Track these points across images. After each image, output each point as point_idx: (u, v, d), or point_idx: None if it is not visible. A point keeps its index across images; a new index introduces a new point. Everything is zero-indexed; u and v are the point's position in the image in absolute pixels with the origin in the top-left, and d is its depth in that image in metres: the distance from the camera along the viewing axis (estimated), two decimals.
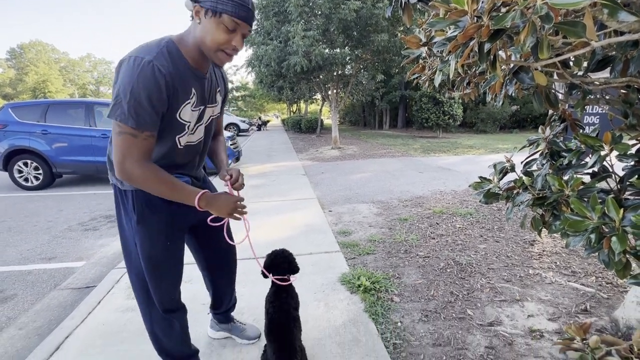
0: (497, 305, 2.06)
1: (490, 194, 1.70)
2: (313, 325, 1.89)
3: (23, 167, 5.62)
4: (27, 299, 2.39)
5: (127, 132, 0.98)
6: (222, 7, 0.94)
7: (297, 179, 6.19)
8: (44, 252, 3.19)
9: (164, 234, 1.24)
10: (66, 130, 5.64)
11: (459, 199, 4.60)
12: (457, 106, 14.77)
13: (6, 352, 1.84)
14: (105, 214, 4.39)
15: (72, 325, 1.92)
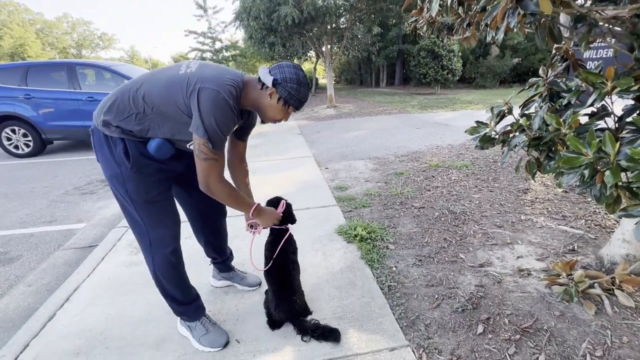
0: (489, 249, 2.13)
1: (486, 138, 1.67)
2: (311, 272, 1.96)
3: (11, 134, 5.48)
4: (32, 259, 2.45)
5: (213, 157, 1.17)
6: (292, 102, 1.24)
7: (293, 138, 6.11)
8: (44, 216, 3.22)
9: (157, 177, 1.30)
10: (51, 94, 5.41)
11: (456, 152, 4.59)
12: (456, 60, 14.20)
13: (19, 306, 1.92)
14: (101, 178, 4.36)
15: (79, 280, 1.99)
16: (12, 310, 1.90)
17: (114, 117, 1.20)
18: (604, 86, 1.25)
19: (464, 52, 17.17)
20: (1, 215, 3.24)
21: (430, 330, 1.52)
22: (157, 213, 1.32)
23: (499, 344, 1.41)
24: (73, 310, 1.73)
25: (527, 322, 1.51)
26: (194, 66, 1.21)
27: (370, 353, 1.38)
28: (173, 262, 1.38)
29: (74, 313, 1.70)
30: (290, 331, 1.51)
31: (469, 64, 18.23)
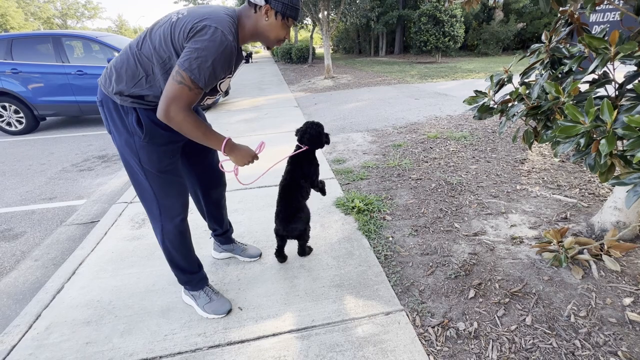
0: (483, 219, 2.18)
1: (484, 108, 1.65)
2: (310, 243, 2.00)
3: (2, 110, 5.36)
4: (36, 235, 2.50)
5: (187, 85, 1.08)
6: (289, 12, 1.20)
7: (290, 111, 6.01)
8: (43, 192, 3.23)
9: (169, 147, 1.31)
10: (38, 68, 5.24)
11: (455, 123, 4.54)
12: (458, 25, 13.65)
13: (27, 280, 1.99)
14: (97, 154, 4.34)
15: (84, 254, 2.04)
16: (22, 283, 1.97)
17: (126, 85, 1.18)
18: (607, 52, 1.22)
19: (467, 18, 16.49)
20: (1, 193, 3.25)
21: (424, 295, 1.59)
22: (169, 182, 1.34)
23: (489, 307, 1.49)
24: (80, 282, 1.79)
25: (516, 287, 1.58)
26: (184, 11, 1.18)
27: (367, 317, 1.45)
28: (182, 230, 1.43)
29: (81, 285, 1.76)
30: (291, 298, 1.58)
31: (472, 30, 17.58)
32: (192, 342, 1.37)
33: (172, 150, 1.34)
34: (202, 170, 1.59)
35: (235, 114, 5.89)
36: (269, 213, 2.38)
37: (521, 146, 3.37)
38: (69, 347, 1.38)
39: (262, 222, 2.27)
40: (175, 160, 1.38)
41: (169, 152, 1.32)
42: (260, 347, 1.34)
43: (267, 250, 1.96)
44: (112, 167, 3.85)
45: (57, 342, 1.41)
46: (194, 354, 1.33)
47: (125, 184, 3.26)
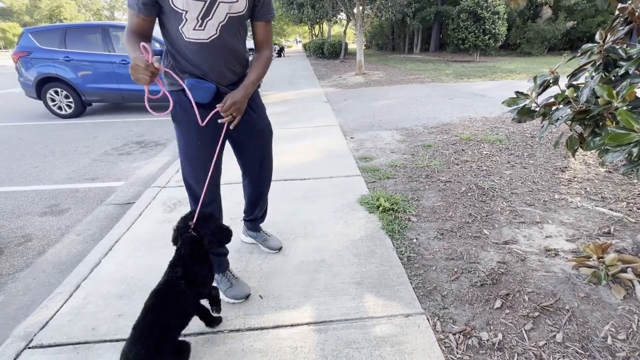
0: (515, 227, 2.07)
1: (525, 110, 1.57)
2: (332, 238, 2.02)
3: (55, 95, 5.80)
4: (79, 212, 2.69)
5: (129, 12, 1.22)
6: None
7: (319, 106, 6.01)
8: (87, 173, 3.47)
9: (194, 132, 1.37)
10: (87, 57, 5.60)
11: (490, 125, 4.34)
12: (500, 23, 12.97)
13: (70, 252, 2.15)
14: (135, 139, 4.59)
15: (120, 232, 2.17)
16: (65, 255, 2.13)
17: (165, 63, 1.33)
18: None
19: (510, 15, 15.59)
20: (51, 171, 3.53)
21: (446, 301, 1.54)
22: (193, 164, 1.46)
23: (516, 319, 1.42)
24: (116, 259, 1.91)
25: (548, 301, 1.49)
26: None
27: (386, 317, 1.44)
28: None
29: (116, 262, 1.88)
30: (311, 291, 1.60)
31: (515, 28, 16.64)
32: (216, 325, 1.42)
33: (198, 135, 1.41)
34: (245, 162, 1.67)
35: (266, 107, 5.99)
36: (290, 206, 2.41)
37: (563, 153, 3.16)
38: (103, 318, 1.48)
39: (287, 214, 2.31)
40: (204, 146, 1.43)
41: (194, 136, 1.42)
42: (278, 335, 1.37)
43: (288, 242, 1.99)
44: (149, 153, 4.05)
45: (93, 312, 1.52)
46: (215, 335, 1.38)
47: (160, 169, 3.43)
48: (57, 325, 1.45)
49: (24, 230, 2.44)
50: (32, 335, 1.40)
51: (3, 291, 1.84)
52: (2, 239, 2.34)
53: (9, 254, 2.17)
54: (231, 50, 1.33)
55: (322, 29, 31.25)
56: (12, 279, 1.93)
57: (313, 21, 21.09)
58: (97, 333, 1.41)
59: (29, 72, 5.66)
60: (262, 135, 1.62)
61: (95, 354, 1.31)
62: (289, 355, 1.28)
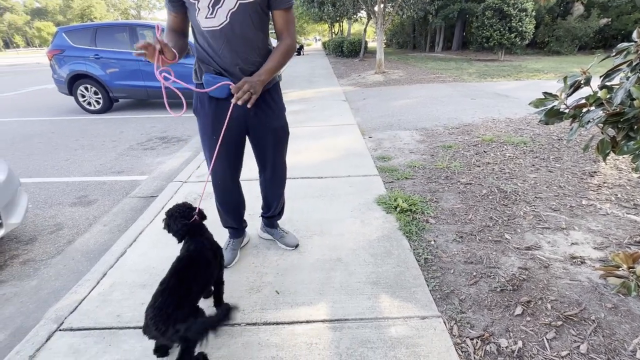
0: (539, 232, 2.01)
1: (553, 112, 1.51)
2: (349, 238, 2.02)
3: (85, 91, 6.06)
4: (105, 203, 2.82)
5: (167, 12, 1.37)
6: None
7: (338, 104, 6.00)
8: (114, 166, 3.62)
9: (210, 126, 1.48)
10: (116, 55, 5.82)
11: (514, 127, 4.20)
12: (528, 20, 12.48)
13: (97, 242, 2.26)
14: (159, 135, 4.74)
15: (143, 225, 2.26)
16: (92, 244, 2.24)
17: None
18: None
19: (539, 12, 14.99)
20: (81, 164, 3.71)
21: (464, 305, 1.52)
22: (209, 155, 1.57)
23: (537, 327, 1.38)
24: (139, 250, 1.99)
25: (572, 310, 1.44)
26: None
27: (402, 319, 1.43)
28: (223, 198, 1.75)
29: (140, 252, 1.96)
30: (326, 289, 1.61)
31: (543, 25, 15.98)
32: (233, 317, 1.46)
33: (213, 129, 1.51)
34: (260, 161, 1.72)
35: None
36: (307, 204, 2.43)
37: (592, 157, 3.02)
38: (128, 305, 1.55)
39: (303, 212, 2.33)
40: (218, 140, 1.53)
41: (210, 130, 1.53)
42: (293, 331, 1.39)
43: (304, 240, 2.01)
44: (171, 148, 4.18)
45: (118, 300, 1.59)
46: (233, 328, 1.42)
47: (181, 164, 3.53)
48: (86, 310, 1.53)
49: (55, 219, 2.57)
50: (63, 318, 1.49)
51: (37, 276, 1.95)
52: (36, 226, 2.48)
53: (42, 241, 2.30)
54: (244, 39, 1.33)
55: (342, 27, 31.11)
56: (44, 265, 2.05)
57: (333, 19, 21.03)
58: (121, 320, 1.47)
59: (62, 69, 5.95)
60: (277, 135, 1.63)
61: (120, 340, 1.37)
62: (304, 351, 1.30)
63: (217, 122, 1.44)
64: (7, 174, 2.12)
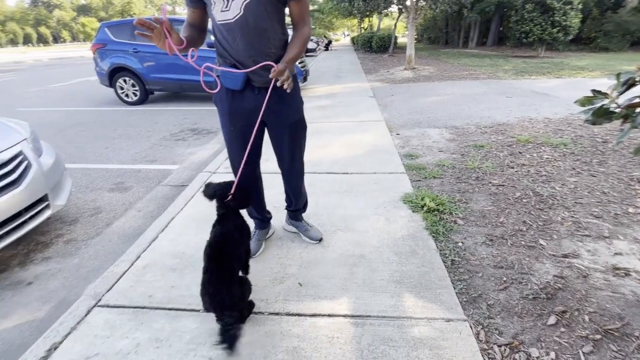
0: (578, 240, 1.88)
1: (602, 111, 1.40)
2: (373, 235, 2.00)
3: (123, 83, 6.39)
4: (140, 190, 2.96)
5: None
6: None
7: (365, 101, 5.93)
8: (148, 155, 3.80)
9: (227, 118, 1.54)
10: (152, 49, 6.06)
11: (553, 127, 3.96)
12: (573, 14, 11.66)
13: (131, 226, 2.39)
14: (190, 127, 4.91)
15: (174, 212, 2.36)
16: (127, 228, 2.37)
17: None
18: None
19: (586, 5, 13.95)
20: (118, 152, 3.92)
21: (492, 310, 1.46)
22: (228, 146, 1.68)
23: (572, 339, 1.30)
24: (170, 235, 2.08)
25: (613, 324, 1.34)
26: None
27: (425, 319, 1.40)
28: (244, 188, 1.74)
29: (171, 238, 2.05)
30: (349, 284, 1.60)
31: (590, 19, 14.87)
32: (256, 306, 1.49)
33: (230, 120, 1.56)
34: (278, 156, 1.74)
35: (311, 100, 6.04)
36: (333, 199, 2.43)
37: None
38: (159, 287, 1.63)
39: (328, 207, 2.33)
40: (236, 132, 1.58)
41: (227, 122, 1.58)
42: (315, 324, 1.40)
43: (328, 235, 2.01)
44: (202, 140, 4.32)
45: (150, 281, 1.68)
46: (256, 316, 1.45)
47: (211, 155, 3.64)
48: (121, 289, 1.63)
49: (95, 203, 2.74)
50: (101, 295, 1.59)
51: (78, 254, 2.09)
52: (78, 209, 2.66)
53: (83, 223, 2.46)
54: (259, 30, 1.34)
55: (371, 22, 30.59)
56: (85, 245, 2.20)
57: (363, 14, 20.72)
58: (153, 300, 1.55)
59: (103, 62, 6.29)
60: (294, 129, 1.62)
61: (151, 319, 1.45)
62: (325, 343, 1.30)
63: (234, 113, 1.51)
64: (55, 159, 2.28)
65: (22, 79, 12.35)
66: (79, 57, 25.23)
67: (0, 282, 1.87)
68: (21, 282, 1.87)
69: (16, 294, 1.78)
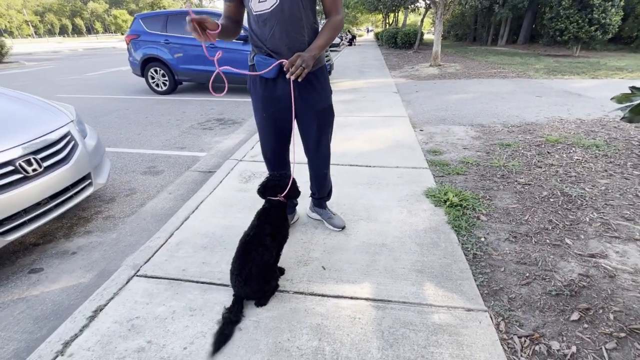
0: (606, 241, 1.85)
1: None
2: (395, 226, 2.03)
3: (154, 73, 6.64)
4: (170, 174, 3.12)
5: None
6: None
7: (389, 96, 5.90)
8: (177, 142, 3.97)
9: (260, 105, 1.62)
10: (182, 40, 6.27)
11: (585, 128, 3.82)
12: (614, 11, 11.02)
13: (163, 207, 2.53)
14: (216, 117, 5.07)
15: (203, 195, 2.48)
16: (160, 209, 2.51)
17: None
18: None
19: (629, 1, 13.13)
20: (150, 138, 4.12)
21: (513, 304, 1.47)
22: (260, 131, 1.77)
23: (595, 335, 1.30)
24: (200, 217, 2.19)
25: (639, 324, 1.33)
26: None
27: (446, 308, 1.43)
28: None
29: (201, 219, 2.16)
30: (371, 270, 1.66)
31: (633, 17, 14.00)
32: (281, 285, 1.57)
33: (263, 108, 1.63)
34: (304, 146, 1.80)
35: (334, 95, 5.98)
36: (356, 190, 2.47)
37: None
38: (191, 263, 1.74)
39: (351, 197, 2.38)
40: (267, 120, 1.66)
41: (260, 109, 1.65)
42: (338, 304, 1.46)
43: (351, 224, 2.06)
44: (227, 129, 4.46)
45: (183, 257, 1.79)
46: (281, 294, 1.53)
47: (236, 144, 3.76)
48: (157, 262, 1.75)
49: (130, 185, 2.91)
50: (139, 266, 1.72)
51: (116, 230, 2.25)
52: (114, 189, 2.84)
53: (119, 202, 2.63)
54: (294, 19, 1.40)
55: (397, 17, 30.04)
56: (121, 222, 2.35)
57: (389, 9, 20.38)
58: (186, 273, 1.66)
59: (136, 53, 6.56)
60: (322, 116, 1.67)
61: (185, 290, 1.56)
62: (348, 322, 1.37)
63: (266, 100, 1.58)
64: (97, 141, 2.45)
65: (60, 67, 13.03)
66: (111, 48, 26.26)
67: (49, 251, 2.05)
68: (66, 252, 2.04)
69: (62, 262, 1.95)
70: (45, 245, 2.11)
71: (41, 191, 1.89)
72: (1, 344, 1.43)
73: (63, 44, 36.65)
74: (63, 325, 1.39)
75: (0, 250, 1.99)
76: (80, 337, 1.33)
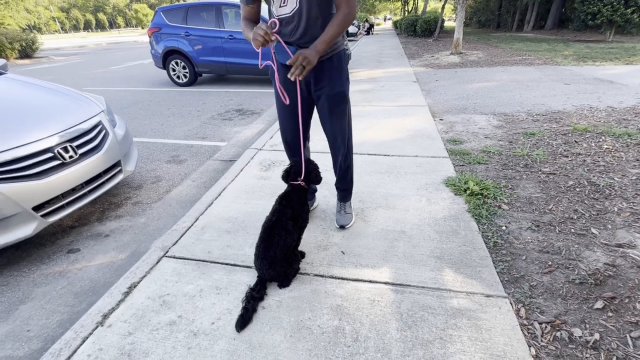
0: (636, 231, 1.79)
1: None
2: (414, 214, 2.04)
3: (175, 66, 6.79)
4: (193, 163, 3.22)
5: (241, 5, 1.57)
6: None
7: (408, 85, 5.80)
8: (199, 133, 4.08)
9: (279, 89, 1.61)
10: (202, 32, 6.36)
11: (617, 117, 3.64)
12: None
13: (188, 194, 2.63)
14: (235, 107, 5.15)
15: (225, 183, 2.56)
16: (184, 195, 2.61)
17: None
18: None
19: None
20: (173, 128, 4.25)
21: (535, 291, 1.46)
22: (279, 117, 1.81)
23: (620, 324, 1.28)
24: (223, 203, 2.27)
25: None
26: None
27: (465, 293, 1.44)
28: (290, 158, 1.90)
29: (224, 205, 2.24)
30: (390, 256, 1.68)
31: None
32: (302, 268, 1.63)
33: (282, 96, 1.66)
34: (325, 132, 1.80)
35: (352, 84, 5.97)
36: (374, 179, 2.48)
37: None
38: (216, 246, 1.82)
39: (369, 185, 2.39)
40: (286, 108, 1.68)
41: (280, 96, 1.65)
42: (357, 288, 1.50)
43: (369, 211, 2.08)
44: (247, 120, 4.53)
45: (208, 240, 1.88)
46: (302, 276, 1.58)
47: (255, 134, 3.83)
48: (184, 244, 1.84)
49: (155, 173, 3.04)
50: (167, 248, 1.81)
51: (145, 215, 2.37)
52: (141, 177, 2.97)
53: (146, 189, 2.75)
54: (314, 19, 1.45)
55: (416, 4, 29.15)
56: (149, 207, 2.47)
57: None
58: (211, 255, 1.74)
59: (158, 46, 6.72)
60: (335, 101, 1.65)
61: (211, 270, 1.64)
62: (367, 304, 1.40)
63: (285, 86, 1.61)
64: (125, 131, 2.56)
65: (86, 61, 13.52)
66: (133, 42, 26.90)
67: (84, 233, 2.19)
68: (100, 235, 2.17)
69: (97, 244, 2.08)
70: (81, 227, 2.25)
71: (77, 177, 2.01)
72: (47, 315, 1.57)
73: (88, 39, 37.86)
74: (101, 299, 1.51)
75: (42, 231, 2.14)
76: (117, 310, 1.43)
